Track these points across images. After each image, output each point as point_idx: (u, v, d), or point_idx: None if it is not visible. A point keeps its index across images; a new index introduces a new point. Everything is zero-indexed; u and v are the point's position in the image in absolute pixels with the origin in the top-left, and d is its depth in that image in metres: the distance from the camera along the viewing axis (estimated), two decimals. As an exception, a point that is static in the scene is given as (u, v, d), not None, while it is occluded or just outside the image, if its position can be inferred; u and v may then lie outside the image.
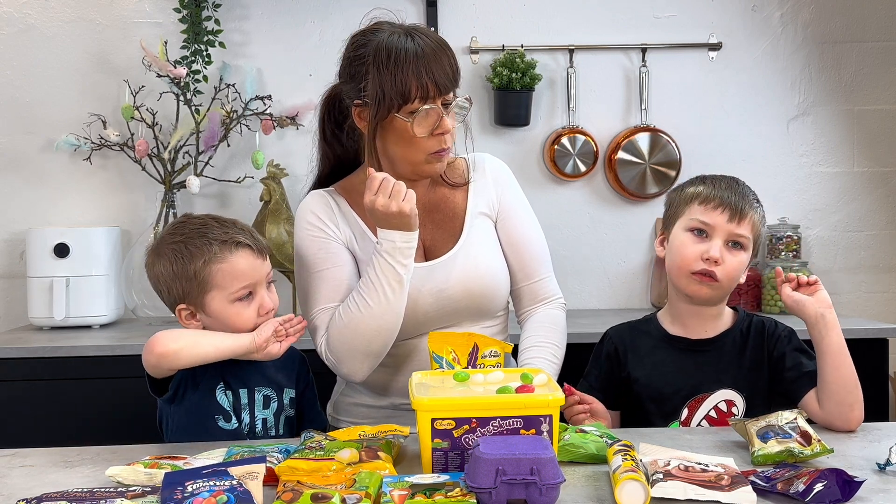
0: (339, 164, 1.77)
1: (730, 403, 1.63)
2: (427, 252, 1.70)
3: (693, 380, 1.64)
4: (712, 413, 1.63)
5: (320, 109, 1.77)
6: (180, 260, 1.53)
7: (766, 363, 1.65)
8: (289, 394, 1.64)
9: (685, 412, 1.63)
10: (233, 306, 1.54)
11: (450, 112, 1.60)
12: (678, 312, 1.70)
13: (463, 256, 1.68)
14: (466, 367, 1.49)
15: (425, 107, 1.55)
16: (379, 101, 1.56)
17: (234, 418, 1.55)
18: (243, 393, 1.58)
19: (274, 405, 1.61)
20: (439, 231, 1.71)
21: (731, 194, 1.64)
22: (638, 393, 1.67)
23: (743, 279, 1.68)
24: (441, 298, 1.65)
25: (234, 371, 1.58)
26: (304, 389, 1.70)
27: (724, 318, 1.70)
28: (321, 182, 1.78)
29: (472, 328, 1.68)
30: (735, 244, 1.62)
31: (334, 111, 1.74)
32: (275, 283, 1.62)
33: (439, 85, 1.56)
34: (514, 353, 1.72)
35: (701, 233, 1.63)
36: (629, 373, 1.68)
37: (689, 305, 1.67)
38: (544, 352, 1.70)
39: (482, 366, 1.51)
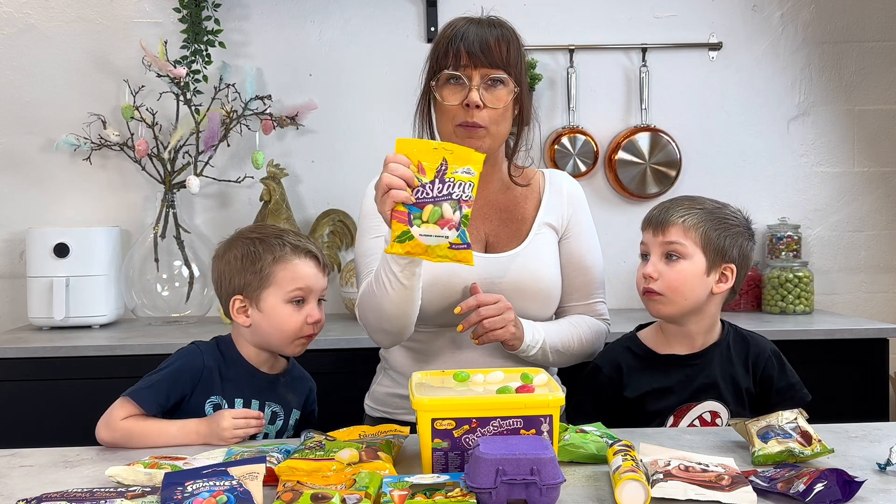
0: None
1: (714, 414, 1.65)
2: (488, 247, 1.74)
3: (682, 394, 1.65)
4: (696, 423, 1.64)
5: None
6: (252, 253, 1.61)
7: (753, 381, 1.68)
8: (295, 415, 1.67)
9: (671, 419, 1.65)
10: (285, 307, 1.60)
11: (485, 89, 1.63)
12: (666, 329, 1.71)
13: (523, 258, 1.71)
14: (433, 181, 1.39)
15: (453, 71, 1.62)
16: (427, 68, 1.68)
17: None
18: (254, 404, 1.61)
19: (279, 423, 1.64)
20: (504, 230, 1.75)
21: (660, 210, 1.68)
22: (629, 410, 1.67)
23: (718, 288, 1.64)
24: (492, 290, 1.67)
25: (251, 382, 1.62)
26: (308, 415, 1.73)
27: (712, 333, 1.71)
28: None
29: None
30: (670, 255, 1.64)
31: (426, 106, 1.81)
32: (325, 301, 1.67)
33: (471, 53, 1.61)
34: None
35: (645, 256, 1.70)
36: (624, 396, 1.68)
37: (674, 325, 1.69)
38: (568, 325, 1.73)
39: (452, 181, 1.38)
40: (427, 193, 1.37)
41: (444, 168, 1.39)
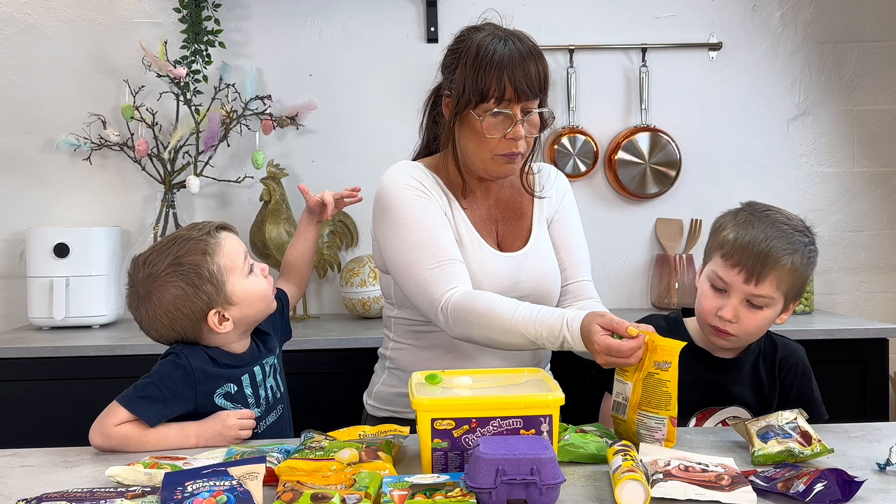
0: (435, 150, 1.83)
1: (736, 419, 1.62)
2: (501, 245, 1.76)
3: (708, 394, 1.63)
4: (719, 426, 1.63)
5: (427, 96, 1.81)
6: (188, 272, 1.50)
7: (777, 388, 1.65)
8: (278, 350, 1.68)
9: (693, 422, 1.63)
10: (249, 280, 1.56)
11: (526, 120, 1.63)
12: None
13: (533, 257, 1.75)
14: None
15: (498, 109, 1.60)
16: (459, 96, 1.63)
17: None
18: (258, 371, 1.60)
19: (276, 369, 1.66)
20: (509, 229, 1.78)
21: (752, 252, 1.53)
22: None
23: (781, 319, 1.62)
24: (514, 289, 1.69)
25: (246, 353, 1.60)
26: (287, 331, 1.75)
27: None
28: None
29: None
30: (753, 304, 1.56)
31: (438, 100, 1.78)
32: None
33: (518, 90, 1.60)
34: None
35: (719, 289, 1.58)
36: None
37: None
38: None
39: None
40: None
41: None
